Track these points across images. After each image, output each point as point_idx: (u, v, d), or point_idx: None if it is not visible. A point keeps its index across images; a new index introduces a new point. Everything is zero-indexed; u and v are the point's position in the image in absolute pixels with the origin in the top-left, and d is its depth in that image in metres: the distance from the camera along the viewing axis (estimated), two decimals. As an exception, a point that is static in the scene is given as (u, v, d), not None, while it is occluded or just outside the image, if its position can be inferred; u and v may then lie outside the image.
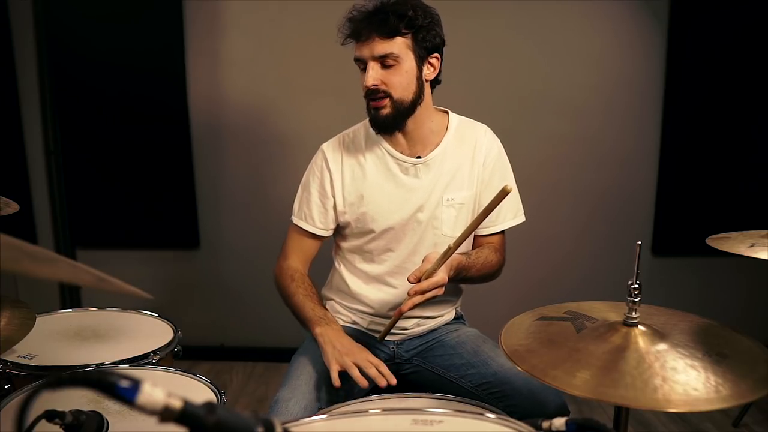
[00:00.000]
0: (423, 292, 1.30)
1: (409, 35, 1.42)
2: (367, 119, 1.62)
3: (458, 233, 1.50)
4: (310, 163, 1.63)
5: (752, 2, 2.62)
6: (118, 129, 2.83)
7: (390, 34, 1.40)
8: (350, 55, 1.61)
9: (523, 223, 1.68)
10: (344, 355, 1.35)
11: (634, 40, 2.71)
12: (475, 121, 1.64)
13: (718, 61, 2.67)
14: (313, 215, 1.59)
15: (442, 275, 1.32)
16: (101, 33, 2.76)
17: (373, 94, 1.44)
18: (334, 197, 1.58)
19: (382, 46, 1.40)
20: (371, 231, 1.55)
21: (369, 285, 1.59)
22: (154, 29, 2.75)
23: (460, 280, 1.49)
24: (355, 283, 1.60)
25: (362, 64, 1.45)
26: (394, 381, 1.33)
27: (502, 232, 1.64)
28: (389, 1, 1.42)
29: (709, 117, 2.72)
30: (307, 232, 1.60)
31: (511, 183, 1.59)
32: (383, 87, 1.43)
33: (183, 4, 2.71)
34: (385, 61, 1.42)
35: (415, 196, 1.54)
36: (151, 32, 2.75)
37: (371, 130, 1.58)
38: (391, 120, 1.47)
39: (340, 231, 1.63)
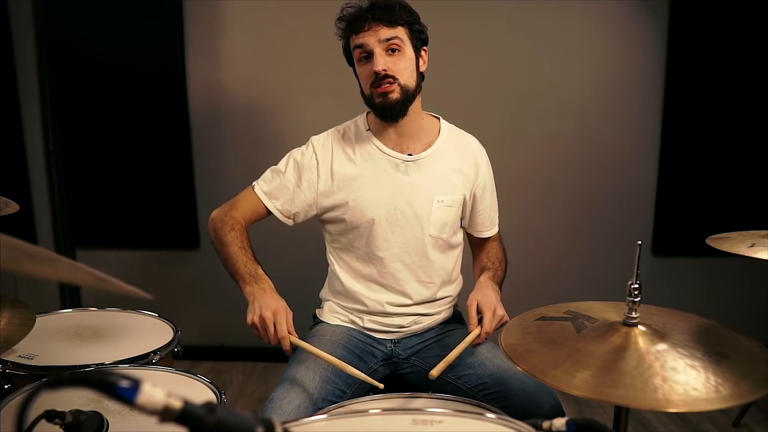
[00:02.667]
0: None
1: (407, 26, 1.49)
2: (359, 117, 1.65)
3: (445, 235, 1.58)
4: (295, 150, 1.62)
5: (752, 2, 2.62)
6: (118, 129, 2.83)
7: (393, 22, 1.46)
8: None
9: (523, 222, 1.70)
10: (263, 311, 1.38)
11: (634, 40, 2.71)
12: (463, 131, 1.69)
13: (718, 61, 2.67)
14: (279, 195, 1.59)
15: (500, 312, 1.42)
16: (101, 33, 2.76)
17: (382, 80, 1.46)
18: (317, 190, 1.58)
19: (387, 32, 1.46)
20: (359, 224, 1.56)
21: (361, 283, 1.60)
22: (154, 29, 2.75)
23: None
24: (348, 281, 1.61)
25: (364, 52, 1.48)
26: (288, 351, 1.39)
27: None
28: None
29: (709, 117, 2.72)
30: (263, 205, 1.60)
31: (489, 195, 1.68)
32: (391, 72, 1.46)
33: (183, 4, 2.71)
34: (391, 45, 1.46)
35: (404, 192, 1.55)
36: (151, 32, 2.75)
37: (362, 127, 1.61)
38: (400, 105, 1.49)
39: (331, 228, 1.63)
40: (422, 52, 1.54)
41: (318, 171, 1.58)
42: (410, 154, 1.57)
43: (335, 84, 2.68)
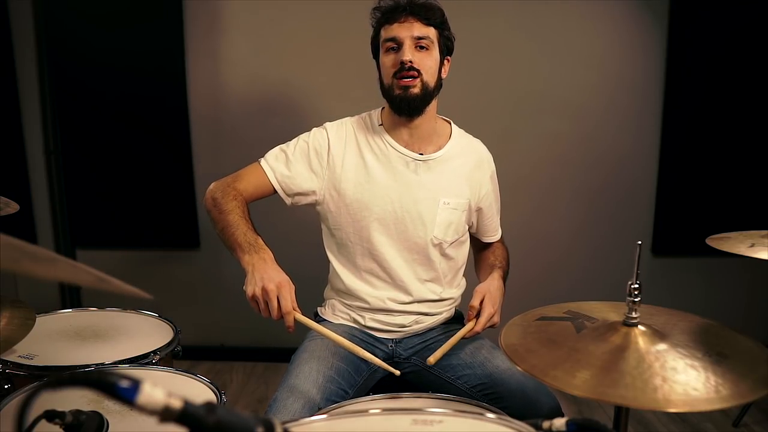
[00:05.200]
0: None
1: (438, 29, 1.52)
2: (373, 111, 1.64)
3: (449, 237, 1.58)
4: (307, 133, 1.62)
5: (752, 2, 2.62)
6: (118, 129, 2.83)
7: (428, 22, 1.49)
8: (350, 55, 1.61)
9: (524, 223, 1.71)
10: (266, 282, 1.29)
11: (634, 40, 2.71)
12: (471, 135, 1.70)
13: (718, 61, 2.67)
14: (283, 173, 1.57)
15: (496, 320, 1.46)
16: (101, 33, 2.76)
17: (407, 72, 1.48)
18: (324, 176, 1.57)
19: (421, 29, 1.48)
20: (363, 218, 1.56)
21: (361, 279, 1.59)
22: (154, 29, 2.75)
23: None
24: (349, 279, 1.60)
25: (394, 44, 1.49)
26: (291, 328, 1.31)
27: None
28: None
29: (709, 117, 2.72)
30: (268, 180, 1.58)
31: (490, 203, 1.69)
32: (417, 66, 1.48)
33: (183, 5, 2.71)
34: (421, 42, 1.49)
35: (411, 190, 1.55)
36: (151, 32, 2.75)
37: (375, 121, 1.61)
38: (419, 100, 1.50)
39: (332, 221, 1.60)
40: (445, 61, 1.57)
41: (328, 157, 1.57)
42: (421, 154, 1.57)
43: (335, 84, 2.70)
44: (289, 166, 1.58)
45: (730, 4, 2.63)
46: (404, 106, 1.51)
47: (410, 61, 1.46)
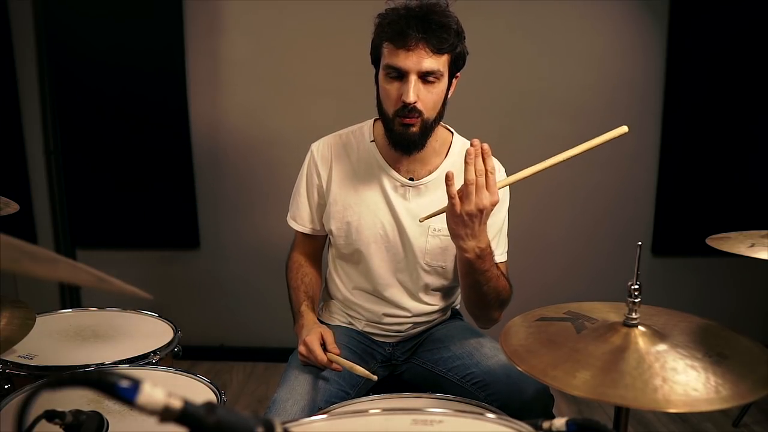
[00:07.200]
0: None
1: (451, 53, 1.34)
2: (365, 124, 1.56)
3: (442, 262, 1.47)
4: (300, 173, 1.60)
5: (752, 2, 2.62)
6: (118, 129, 2.83)
7: (440, 51, 1.30)
8: (350, 55, 1.60)
9: (523, 223, 1.68)
10: (299, 347, 1.42)
11: (634, 40, 2.71)
12: None
13: (718, 61, 2.67)
14: (302, 215, 1.59)
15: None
16: (101, 33, 2.76)
17: (410, 112, 1.33)
18: (320, 198, 1.56)
19: (430, 62, 1.29)
20: (353, 243, 1.51)
21: (358, 291, 1.57)
22: (154, 29, 2.75)
23: (473, 279, 1.34)
24: (346, 291, 1.59)
25: (395, 72, 1.32)
26: (339, 369, 1.39)
27: (504, 262, 1.53)
28: (438, 8, 1.31)
29: (709, 117, 2.72)
30: (301, 232, 1.62)
31: (504, 215, 1.50)
32: (420, 106, 1.33)
33: (183, 4, 2.71)
34: (428, 77, 1.31)
35: (400, 217, 1.47)
36: (151, 32, 2.75)
37: (367, 137, 1.52)
38: (417, 140, 1.37)
39: (330, 237, 1.59)
40: (454, 79, 1.40)
41: (320, 185, 1.54)
42: (411, 179, 1.47)
43: (336, 84, 2.70)
44: (303, 208, 1.59)
45: (730, 4, 2.63)
46: (401, 145, 1.39)
47: (414, 102, 1.31)
